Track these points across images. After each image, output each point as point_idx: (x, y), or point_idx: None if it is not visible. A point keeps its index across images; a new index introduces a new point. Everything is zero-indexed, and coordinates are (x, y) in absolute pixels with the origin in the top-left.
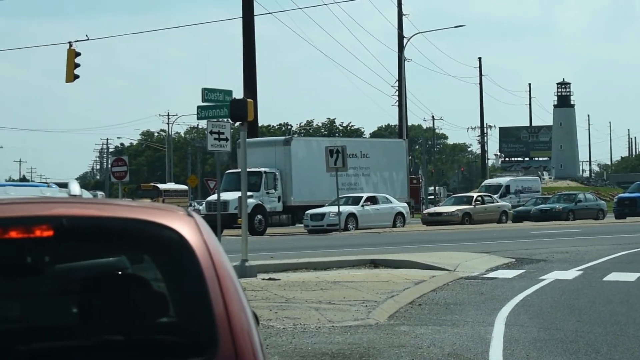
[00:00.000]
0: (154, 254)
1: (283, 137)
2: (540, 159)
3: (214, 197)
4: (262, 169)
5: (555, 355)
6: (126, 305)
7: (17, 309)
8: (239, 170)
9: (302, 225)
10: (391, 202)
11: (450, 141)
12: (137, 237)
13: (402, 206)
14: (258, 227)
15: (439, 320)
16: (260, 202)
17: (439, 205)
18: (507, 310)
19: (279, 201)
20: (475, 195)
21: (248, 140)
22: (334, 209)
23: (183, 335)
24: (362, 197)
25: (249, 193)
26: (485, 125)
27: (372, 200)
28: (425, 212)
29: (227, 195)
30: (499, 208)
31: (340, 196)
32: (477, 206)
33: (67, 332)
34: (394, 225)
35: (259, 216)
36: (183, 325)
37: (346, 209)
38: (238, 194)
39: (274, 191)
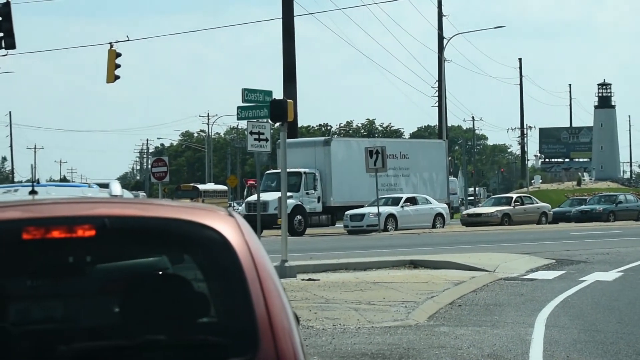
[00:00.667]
0: (195, 253)
1: (323, 138)
2: (581, 160)
3: (253, 197)
4: (302, 170)
5: (595, 356)
6: (168, 305)
7: (60, 308)
8: (279, 170)
9: (342, 225)
10: (431, 203)
11: (490, 142)
12: (179, 237)
13: (441, 207)
14: (298, 228)
15: (479, 321)
16: (300, 203)
17: (478, 206)
18: (547, 311)
19: (318, 202)
20: (514, 196)
21: (288, 140)
22: (374, 209)
23: (224, 336)
24: (402, 197)
25: (288, 193)
26: (525, 126)
27: (412, 201)
28: (464, 213)
29: (266, 196)
30: (539, 209)
31: (379, 197)
32: (516, 207)
33: (110, 332)
34: (434, 226)
35: (299, 216)
36: (224, 326)
37: (386, 209)
38: (278, 194)
39: (313, 192)
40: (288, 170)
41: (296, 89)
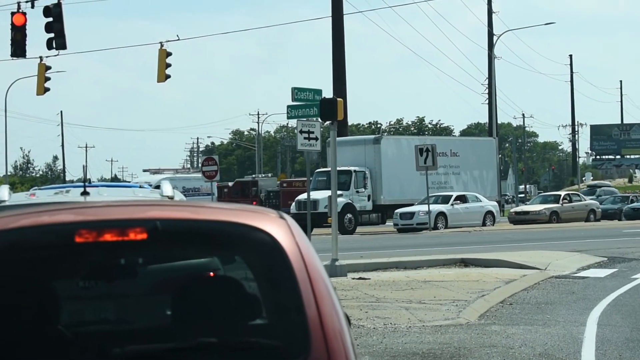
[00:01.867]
0: (246, 256)
1: (373, 136)
2: (632, 157)
3: (303, 196)
4: (352, 168)
5: None
6: (220, 307)
7: (113, 310)
8: (329, 169)
9: (392, 224)
10: (481, 201)
11: (540, 139)
12: (230, 239)
13: (491, 205)
14: (348, 226)
15: (530, 320)
16: (350, 201)
17: (526, 204)
18: (599, 310)
19: (368, 200)
20: (562, 193)
21: (338, 139)
22: (424, 207)
23: (276, 338)
24: (452, 195)
25: (339, 192)
26: (576, 123)
27: (462, 199)
28: (512, 211)
29: (316, 194)
30: (587, 206)
31: (429, 195)
32: (564, 204)
33: (162, 333)
34: (484, 224)
35: (349, 215)
36: (276, 328)
37: (436, 207)
38: (328, 192)
39: (363, 190)
40: (338, 168)
41: (346, 87)
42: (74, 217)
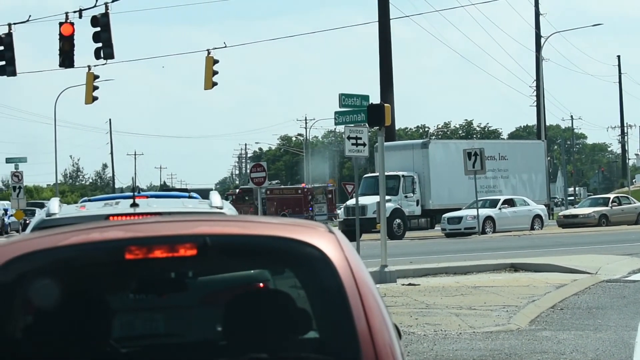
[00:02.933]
0: (295, 271)
1: (421, 140)
2: None
3: (352, 201)
4: (400, 173)
5: None
6: (270, 320)
7: (163, 325)
8: (377, 174)
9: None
10: (529, 205)
11: (589, 141)
12: (279, 254)
13: (539, 209)
14: (397, 232)
15: (581, 325)
16: (398, 206)
17: (575, 207)
18: None
19: (417, 205)
20: (611, 196)
21: (385, 144)
22: (471, 212)
23: (326, 353)
24: (500, 199)
25: (387, 197)
26: (625, 124)
27: (510, 202)
28: (560, 214)
29: (365, 200)
30: (636, 209)
31: (477, 199)
32: (613, 207)
33: (213, 347)
34: (532, 228)
35: (398, 220)
36: (326, 343)
37: (484, 212)
38: (376, 198)
39: (412, 195)
40: (386, 173)
41: (393, 91)
42: (124, 233)
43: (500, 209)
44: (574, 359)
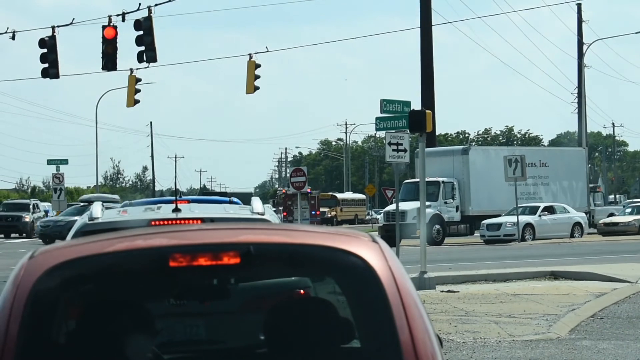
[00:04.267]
0: (339, 280)
1: (461, 147)
2: None
3: (392, 207)
4: (440, 179)
5: None
6: (312, 328)
7: (205, 330)
8: (417, 180)
9: (479, 235)
10: (569, 212)
11: (630, 148)
12: (323, 263)
13: (580, 216)
14: (436, 237)
15: (622, 335)
16: (438, 212)
17: (615, 215)
18: None
19: (457, 211)
20: None
21: (426, 150)
22: (511, 218)
23: None
24: (539, 206)
25: (427, 203)
26: None
27: (550, 210)
28: (601, 222)
29: (405, 205)
30: None
31: (517, 206)
32: None
33: (255, 355)
34: (572, 236)
35: (437, 226)
36: (369, 352)
37: (523, 218)
38: (416, 204)
39: (452, 201)
40: (426, 179)
41: (434, 97)
42: (168, 241)
43: (540, 216)
44: None
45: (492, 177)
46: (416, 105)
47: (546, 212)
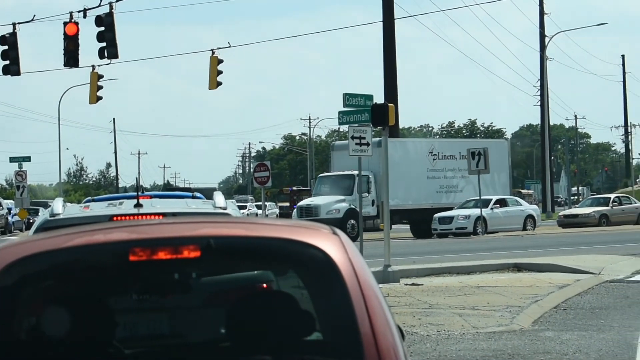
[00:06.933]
0: (299, 272)
1: (377, 139)
2: None
3: (305, 202)
4: (355, 172)
5: None
6: (274, 322)
7: (166, 325)
8: (333, 173)
9: (399, 229)
10: (521, 205)
11: (593, 140)
12: (283, 256)
13: (532, 209)
14: (351, 233)
15: (585, 326)
16: (353, 207)
17: (575, 207)
18: None
19: (372, 205)
20: (612, 196)
21: (340, 143)
22: (463, 212)
23: (330, 355)
24: (492, 199)
25: (340, 197)
26: (629, 124)
27: (502, 203)
28: (561, 214)
29: (318, 200)
30: (637, 209)
31: (468, 199)
32: (614, 207)
33: (217, 349)
34: (524, 229)
35: (352, 221)
36: (330, 345)
37: (475, 212)
38: (331, 198)
39: (367, 195)
40: (341, 172)
41: (397, 91)
42: (128, 235)
43: (492, 209)
44: None
45: (410, 171)
46: (379, 99)
47: (498, 205)
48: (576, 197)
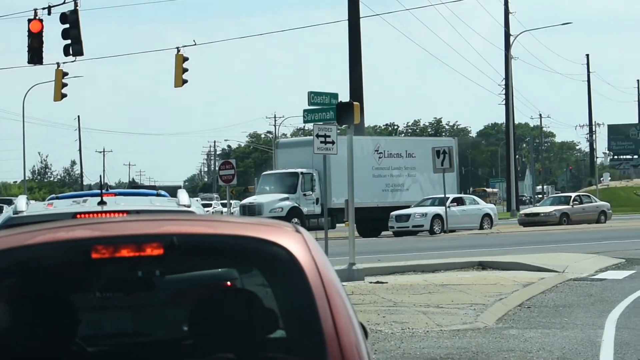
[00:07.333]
0: (263, 270)
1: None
2: None
3: (247, 200)
4: (299, 170)
5: None
6: (237, 320)
7: (130, 323)
8: (276, 171)
9: (342, 229)
10: (478, 204)
11: (558, 139)
12: (246, 254)
13: (489, 207)
14: None
15: (548, 323)
16: (296, 205)
17: (536, 206)
18: (618, 312)
19: (317, 203)
20: (573, 195)
21: (285, 140)
22: (420, 210)
23: (293, 352)
24: (449, 197)
25: (283, 195)
26: (593, 123)
27: (459, 201)
28: (522, 212)
29: (261, 199)
30: (597, 208)
31: (426, 197)
32: (575, 206)
33: (180, 347)
34: (481, 227)
35: (295, 219)
36: (293, 342)
37: (432, 210)
38: (273, 196)
39: (311, 193)
40: (285, 170)
41: (362, 89)
42: (90, 233)
43: (449, 207)
44: (540, 357)
45: (356, 169)
46: (344, 97)
47: (455, 204)
48: (541, 196)
